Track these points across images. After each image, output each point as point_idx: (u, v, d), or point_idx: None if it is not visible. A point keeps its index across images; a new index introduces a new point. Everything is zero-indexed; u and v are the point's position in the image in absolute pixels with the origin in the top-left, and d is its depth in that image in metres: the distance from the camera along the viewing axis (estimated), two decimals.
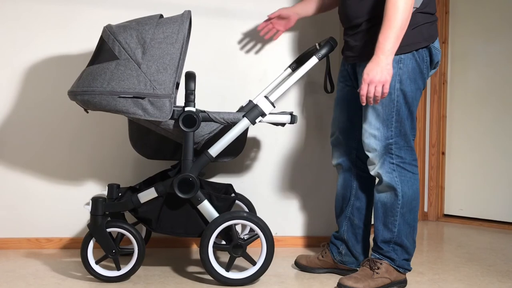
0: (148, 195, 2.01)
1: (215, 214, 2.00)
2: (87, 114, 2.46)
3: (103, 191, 2.28)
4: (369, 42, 1.91)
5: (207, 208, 2.00)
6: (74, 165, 2.50)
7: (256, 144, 2.62)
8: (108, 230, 2.00)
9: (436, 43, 1.97)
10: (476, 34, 3.36)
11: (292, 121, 2.07)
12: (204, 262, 1.98)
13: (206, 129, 2.03)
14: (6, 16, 2.43)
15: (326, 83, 2.21)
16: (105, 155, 2.52)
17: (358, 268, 2.09)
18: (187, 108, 1.97)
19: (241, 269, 2.13)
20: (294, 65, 2.29)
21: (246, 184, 2.60)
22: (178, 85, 2.23)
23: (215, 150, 2.00)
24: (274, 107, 2.03)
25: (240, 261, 2.09)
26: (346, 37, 2.07)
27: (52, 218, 2.49)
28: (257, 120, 2.02)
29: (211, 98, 2.56)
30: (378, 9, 1.86)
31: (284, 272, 2.22)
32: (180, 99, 2.40)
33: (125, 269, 2.01)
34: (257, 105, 2.02)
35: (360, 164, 2.15)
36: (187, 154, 1.99)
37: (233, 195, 2.26)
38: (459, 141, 3.44)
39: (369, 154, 1.99)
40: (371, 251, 2.10)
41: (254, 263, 2.01)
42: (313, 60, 2.05)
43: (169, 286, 2.01)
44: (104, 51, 1.91)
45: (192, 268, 2.24)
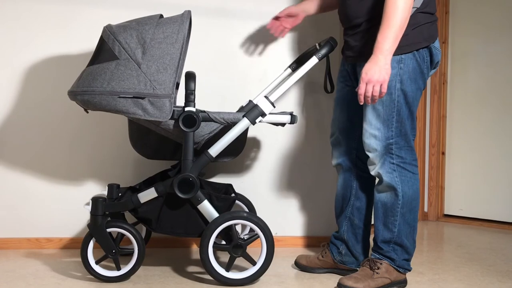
0: (148, 195, 2.01)
1: (215, 214, 2.00)
2: (87, 114, 2.45)
3: (103, 191, 2.27)
4: (369, 42, 1.90)
5: (207, 208, 2.00)
6: (74, 165, 2.50)
7: (256, 144, 2.62)
8: (108, 230, 2.00)
9: (436, 43, 1.97)
10: (476, 34, 3.36)
11: (292, 121, 2.07)
12: (204, 262, 1.98)
13: (206, 129, 2.03)
14: (6, 16, 2.43)
15: (326, 83, 2.21)
16: (105, 155, 2.52)
17: (358, 268, 2.09)
18: (187, 108, 1.97)
19: (241, 269, 2.13)
20: (294, 65, 2.29)
21: (246, 184, 2.60)
22: (178, 85, 2.23)
23: (215, 150, 2.00)
24: (274, 107, 2.03)
25: (240, 261, 2.09)
26: (346, 37, 2.07)
27: (52, 218, 2.49)
28: (257, 120, 2.02)
29: (211, 98, 2.56)
30: (378, 9, 1.86)
31: (284, 272, 2.22)
32: (180, 99, 2.40)
33: (125, 269, 2.01)
34: (257, 105, 2.02)
35: (360, 164, 2.15)
36: (187, 154, 1.98)
37: (233, 195, 2.26)
38: (459, 141, 3.44)
39: (369, 154, 1.99)
40: (371, 251, 2.10)
41: (254, 263, 2.01)
42: (313, 60, 2.05)
43: (169, 286, 2.01)
44: (104, 51, 1.91)
45: (192, 268, 2.24)
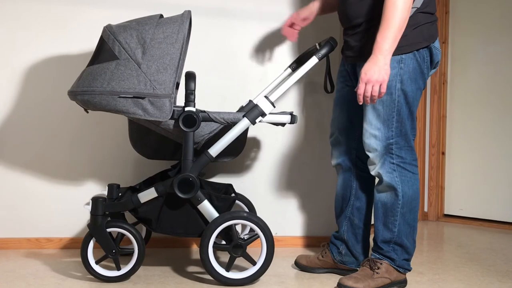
0: (148, 195, 2.01)
1: (215, 214, 2.00)
2: (87, 114, 2.46)
3: (103, 191, 2.27)
4: (369, 42, 1.90)
5: (207, 208, 2.00)
6: (74, 165, 2.50)
7: (256, 144, 2.62)
8: (108, 230, 2.00)
9: (437, 43, 1.96)
10: (476, 34, 3.36)
11: (292, 121, 2.07)
12: (204, 262, 1.98)
13: (206, 129, 2.03)
14: (6, 16, 2.43)
15: (326, 83, 2.21)
16: (105, 155, 2.52)
17: (358, 268, 2.09)
18: (187, 108, 1.97)
19: (241, 269, 2.13)
20: (294, 65, 2.29)
21: (246, 184, 2.60)
22: (178, 85, 2.23)
23: (215, 150, 2.00)
24: (274, 107, 2.03)
25: (240, 261, 2.09)
26: (346, 37, 2.07)
27: (52, 218, 2.49)
28: (257, 120, 2.02)
29: (211, 98, 2.56)
30: (378, 9, 1.86)
31: (284, 272, 2.22)
32: (180, 99, 2.40)
33: (125, 269, 2.01)
34: (257, 105, 2.02)
35: (360, 164, 2.15)
36: (187, 154, 1.98)
37: (233, 195, 2.26)
38: (459, 141, 3.44)
39: (369, 154, 1.99)
40: (371, 251, 2.10)
41: (254, 263, 2.01)
42: (313, 60, 2.05)
43: (169, 286, 2.00)
44: (104, 51, 1.91)
45: (192, 268, 2.24)
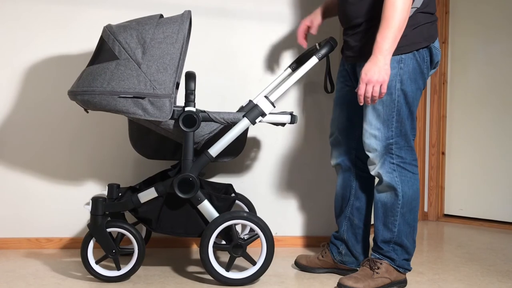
0: (148, 195, 2.01)
1: (215, 214, 2.00)
2: (87, 114, 2.46)
3: (103, 191, 2.27)
4: (368, 42, 1.90)
5: (207, 208, 2.00)
6: (74, 165, 2.50)
7: (256, 144, 2.62)
8: (108, 230, 2.00)
9: (436, 43, 1.96)
10: (476, 34, 3.36)
11: (292, 121, 2.07)
12: (204, 262, 1.98)
13: (206, 129, 2.03)
14: (6, 16, 2.43)
15: (326, 83, 2.21)
16: (105, 155, 2.52)
17: (358, 268, 2.09)
18: (187, 108, 1.97)
19: (241, 269, 2.13)
20: (294, 65, 2.29)
21: (246, 184, 2.60)
22: (178, 85, 2.23)
23: (215, 150, 2.00)
24: (274, 107, 2.03)
25: (240, 261, 2.09)
26: (346, 37, 2.07)
27: (52, 218, 2.49)
28: (257, 120, 2.02)
29: (211, 98, 2.56)
30: (377, 9, 1.86)
31: (284, 272, 2.22)
32: (180, 99, 2.40)
33: (125, 269, 2.01)
34: (257, 105, 2.02)
35: (359, 164, 2.15)
36: (187, 154, 1.98)
37: (233, 195, 2.26)
38: (459, 141, 3.44)
39: (369, 154, 1.99)
40: (371, 251, 2.10)
41: (254, 263, 2.01)
42: (313, 60, 2.05)
43: (169, 286, 2.00)
44: (104, 51, 1.91)
45: (192, 268, 2.24)
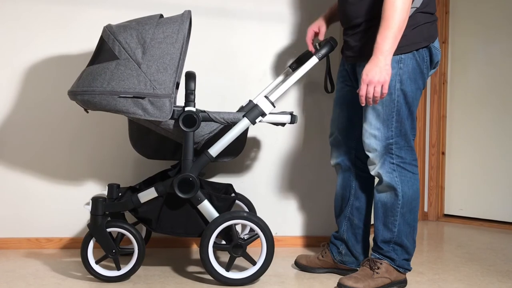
0: (148, 195, 2.01)
1: (215, 214, 2.00)
2: (87, 114, 2.46)
3: (103, 191, 2.27)
4: (368, 42, 1.90)
5: (207, 208, 2.00)
6: (74, 165, 2.50)
7: (256, 144, 2.62)
8: (108, 230, 2.00)
9: (436, 43, 1.96)
10: (476, 34, 3.36)
11: (292, 121, 2.07)
12: (204, 262, 1.98)
13: (206, 129, 2.03)
14: (6, 16, 2.43)
15: (326, 83, 2.21)
16: (105, 155, 2.52)
17: (358, 268, 2.09)
18: (187, 108, 1.97)
19: (241, 269, 2.13)
20: (294, 65, 2.29)
21: (246, 184, 2.60)
22: (178, 85, 2.23)
23: (215, 150, 2.00)
24: (274, 107, 2.03)
25: (240, 261, 2.09)
26: (345, 37, 2.07)
27: (52, 218, 2.49)
28: (257, 120, 2.02)
29: (211, 98, 2.56)
30: (377, 9, 1.86)
31: (284, 272, 2.22)
32: (180, 99, 2.40)
33: (125, 269, 2.01)
34: (257, 105, 2.02)
35: (359, 164, 2.15)
36: (187, 154, 1.98)
37: (233, 195, 2.26)
38: (459, 141, 3.44)
39: (369, 154, 1.99)
40: (371, 251, 2.10)
41: (254, 263, 2.01)
42: (313, 60, 2.06)
43: (169, 286, 2.00)
44: (104, 51, 1.91)
45: (192, 268, 2.24)
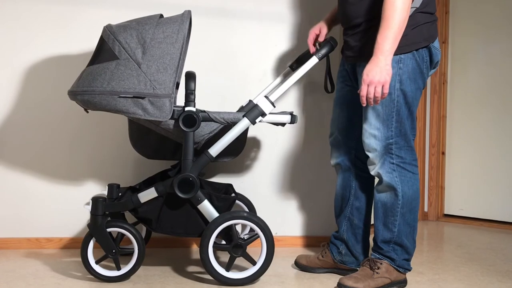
0: (148, 195, 2.01)
1: (215, 214, 2.00)
2: (87, 114, 2.46)
3: (103, 191, 2.27)
4: (368, 42, 1.90)
5: (207, 208, 2.00)
6: (74, 165, 2.50)
7: (256, 144, 2.62)
8: (108, 230, 2.00)
9: (436, 43, 1.96)
10: (476, 33, 3.36)
11: (292, 121, 2.07)
12: (204, 262, 1.98)
13: (206, 129, 2.03)
14: (6, 16, 2.43)
15: (326, 83, 2.21)
16: (105, 155, 2.52)
17: (358, 268, 2.09)
18: (187, 108, 1.97)
19: (241, 269, 2.13)
20: (294, 65, 2.29)
21: (246, 184, 2.60)
22: (178, 85, 2.23)
23: (215, 150, 2.00)
24: (274, 107, 2.03)
25: (240, 261, 2.09)
26: (345, 37, 2.07)
27: (52, 218, 2.49)
28: (257, 120, 2.02)
29: (211, 98, 2.56)
30: (377, 9, 1.86)
31: (284, 272, 2.22)
32: (180, 99, 2.40)
33: (125, 269, 2.01)
34: (257, 105, 2.02)
35: (359, 164, 2.15)
36: (187, 154, 1.98)
37: (233, 195, 2.26)
38: (459, 141, 3.44)
39: (369, 154, 1.99)
40: (371, 251, 2.10)
41: (254, 263, 2.01)
42: (313, 60, 2.06)
43: (169, 286, 2.00)
44: (104, 51, 1.91)
45: (192, 268, 2.24)
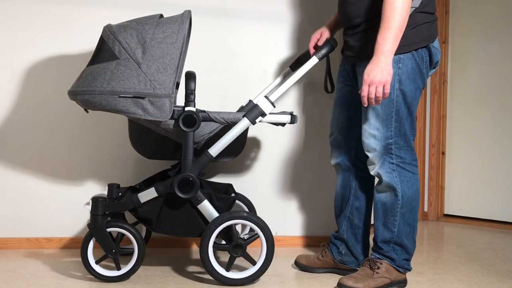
0: (148, 195, 2.01)
1: (215, 214, 2.00)
2: (87, 114, 2.46)
3: (103, 191, 2.27)
4: (368, 42, 1.91)
5: (207, 208, 2.00)
6: (74, 165, 2.50)
7: (256, 144, 2.62)
8: (108, 230, 2.00)
9: (436, 43, 1.96)
10: (476, 33, 3.36)
11: (292, 121, 2.07)
12: (204, 262, 1.98)
13: (206, 129, 2.03)
14: (6, 16, 2.43)
15: (326, 83, 2.21)
16: (105, 155, 2.52)
17: (358, 268, 2.09)
18: (187, 108, 1.97)
19: (241, 269, 2.13)
20: (294, 65, 2.29)
21: (246, 184, 2.60)
22: (178, 85, 2.23)
23: (215, 150, 2.00)
24: (274, 107, 2.03)
25: (240, 261, 2.09)
26: (345, 37, 2.07)
27: (52, 218, 2.49)
28: (257, 120, 2.02)
29: (211, 98, 2.56)
30: (377, 8, 1.86)
31: (284, 272, 2.22)
32: (180, 99, 2.40)
33: (125, 269, 2.01)
34: (257, 105, 2.02)
35: (359, 164, 2.15)
36: (187, 154, 1.98)
37: (233, 195, 2.26)
38: (459, 141, 3.44)
39: (369, 154, 1.99)
40: (371, 251, 2.10)
41: (254, 263, 2.01)
42: (313, 60, 2.06)
43: (169, 286, 2.00)
44: (104, 51, 1.91)
45: (192, 268, 2.24)
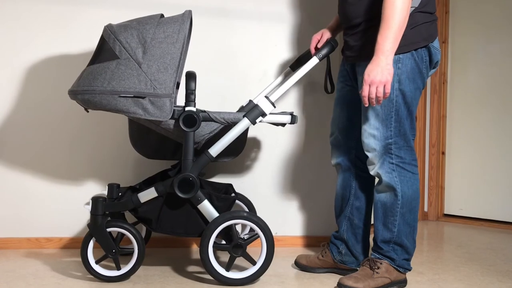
0: (148, 195, 2.01)
1: (215, 214, 2.00)
2: (87, 114, 2.46)
3: (103, 191, 2.28)
4: (368, 41, 1.91)
5: (207, 208, 2.00)
6: (74, 165, 2.50)
7: (256, 144, 2.62)
8: (108, 230, 2.00)
9: (436, 43, 1.96)
10: (476, 33, 3.36)
11: (293, 121, 2.07)
12: (204, 262, 1.98)
13: (206, 129, 2.03)
14: (6, 16, 2.43)
15: (326, 83, 2.21)
16: (105, 155, 2.52)
17: (358, 268, 2.09)
18: (187, 108, 1.97)
19: (241, 269, 2.13)
20: (295, 65, 2.29)
21: (246, 184, 2.60)
22: (178, 85, 2.23)
23: (215, 150, 2.00)
24: (275, 107, 2.03)
25: (240, 261, 2.09)
26: (345, 36, 2.07)
27: (52, 218, 2.49)
28: (257, 120, 2.02)
29: (211, 98, 2.56)
30: (377, 8, 1.86)
31: (284, 272, 2.22)
32: (181, 99, 2.40)
33: (125, 269, 2.01)
34: (257, 105, 2.02)
35: (359, 164, 2.15)
36: (187, 154, 1.98)
37: (233, 195, 2.26)
38: (459, 141, 3.44)
39: (368, 154, 1.99)
40: (371, 251, 2.10)
41: (254, 263, 2.01)
42: (313, 61, 2.06)
43: (169, 286, 2.01)
44: (104, 50, 1.91)
45: (192, 268, 2.24)
